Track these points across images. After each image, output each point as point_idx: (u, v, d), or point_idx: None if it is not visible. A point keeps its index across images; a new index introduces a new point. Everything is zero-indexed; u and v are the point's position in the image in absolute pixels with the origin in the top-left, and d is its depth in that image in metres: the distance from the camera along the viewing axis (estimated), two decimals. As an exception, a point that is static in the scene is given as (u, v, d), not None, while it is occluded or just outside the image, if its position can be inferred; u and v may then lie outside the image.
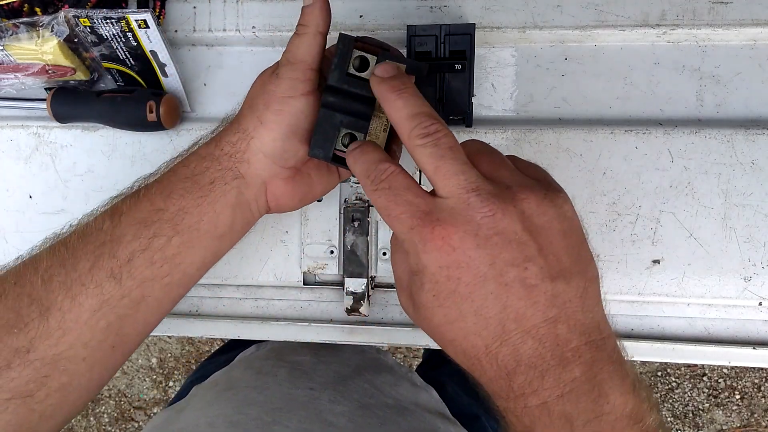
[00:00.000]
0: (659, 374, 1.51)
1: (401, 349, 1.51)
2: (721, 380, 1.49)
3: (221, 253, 0.42)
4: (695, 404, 1.50)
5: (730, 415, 1.49)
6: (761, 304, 0.48)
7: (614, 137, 0.48)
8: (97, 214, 0.39)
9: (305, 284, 0.53)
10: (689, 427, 1.51)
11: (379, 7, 0.49)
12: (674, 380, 1.50)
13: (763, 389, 1.48)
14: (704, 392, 1.50)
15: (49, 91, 0.52)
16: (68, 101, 0.51)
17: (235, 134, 0.39)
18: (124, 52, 0.50)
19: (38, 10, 0.48)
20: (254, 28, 0.51)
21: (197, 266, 0.40)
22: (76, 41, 0.48)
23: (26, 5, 0.48)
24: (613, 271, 0.48)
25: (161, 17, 0.51)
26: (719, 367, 1.47)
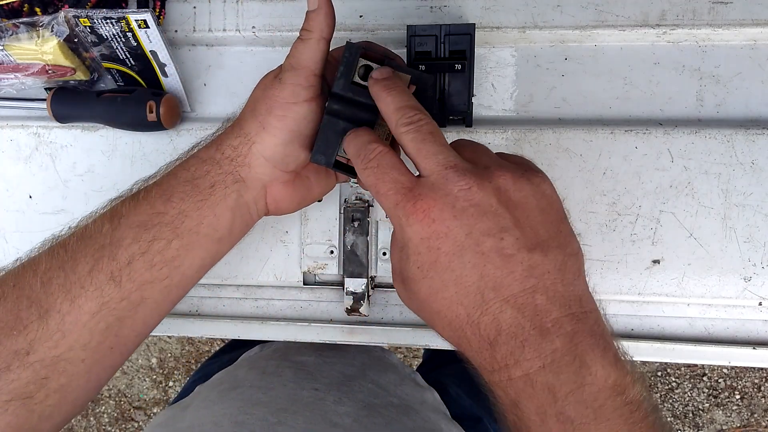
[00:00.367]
0: (659, 374, 1.51)
1: (401, 349, 1.51)
2: (721, 380, 1.49)
3: (220, 255, 0.42)
4: (695, 404, 1.50)
5: (730, 415, 1.49)
6: (761, 304, 0.48)
7: (614, 137, 0.48)
8: (96, 216, 0.39)
9: (305, 284, 0.53)
10: (689, 427, 1.51)
11: (379, 7, 0.49)
12: (674, 380, 1.50)
13: (763, 389, 1.48)
14: (704, 392, 1.50)
15: (49, 91, 0.52)
16: (68, 101, 0.51)
17: (236, 138, 0.39)
18: (124, 52, 0.50)
19: (38, 10, 0.48)
20: (254, 28, 0.51)
21: (196, 269, 0.40)
22: (76, 41, 0.48)
23: (26, 5, 0.48)
24: (613, 271, 0.48)
25: (161, 17, 0.51)
26: (719, 367, 1.47)
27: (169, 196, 0.38)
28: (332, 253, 0.51)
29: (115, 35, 0.48)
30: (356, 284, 0.50)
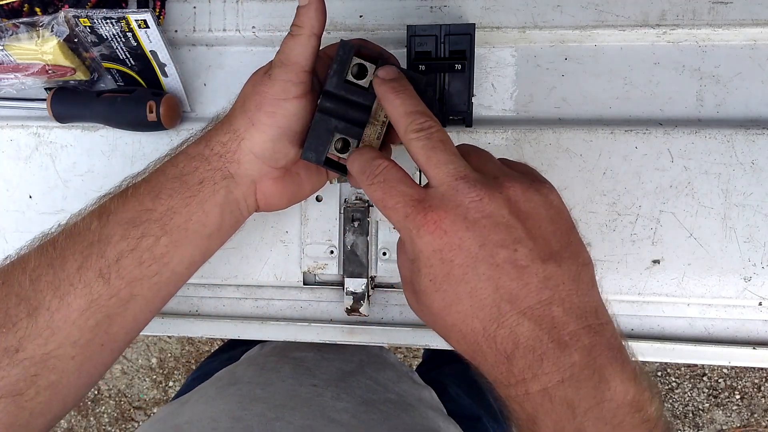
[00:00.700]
0: (659, 374, 1.51)
1: (401, 349, 1.51)
2: (721, 380, 1.49)
3: (210, 251, 0.42)
4: (695, 404, 1.50)
5: (730, 415, 1.49)
6: (761, 304, 0.48)
7: (614, 137, 0.48)
8: (85, 213, 0.39)
9: (305, 284, 0.53)
10: (689, 427, 1.51)
11: (379, 7, 0.49)
12: (674, 380, 1.50)
13: (763, 389, 1.48)
14: (704, 392, 1.50)
15: (49, 91, 0.52)
16: (68, 101, 0.51)
17: (225, 134, 0.39)
18: (124, 52, 0.50)
19: (38, 10, 0.48)
20: (254, 28, 0.51)
21: (186, 265, 0.40)
22: (76, 41, 0.48)
23: (26, 5, 0.48)
24: (613, 271, 0.48)
25: (161, 17, 0.51)
26: (719, 367, 1.47)
27: (157, 192, 0.38)
28: (332, 253, 0.51)
29: (115, 35, 0.48)
30: (356, 284, 0.50)
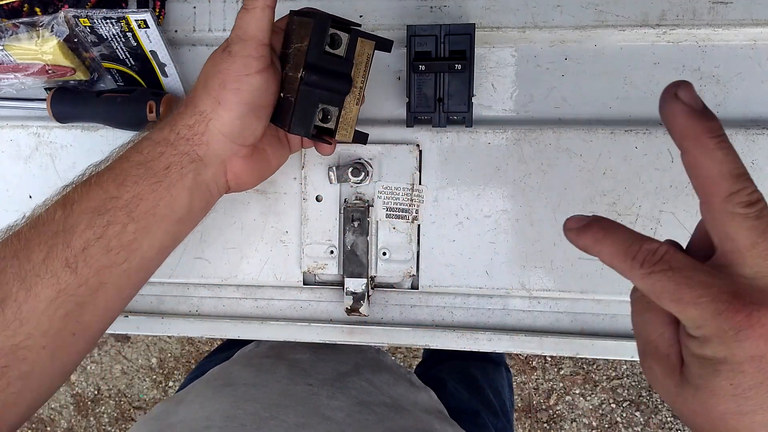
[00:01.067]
0: (659, 374, 1.51)
1: (401, 349, 1.50)
2: (721, 380, 1.49)
3: (182, 235, 0.42)
4: (695, 404, 1.50)
5: (730, 415, 1.49)
6: (761, 304, 0.48)
7: (614, 137, 0.48)
8: (49, 204, 0.38)
9: (305, 284, 0.53)
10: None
11: (379, 7, 0.49)
12: (674, 380, 1.50)
13: (763, 389, 1.48)
14: (704, 392, 1.50)
15: (49, 91, 0.52)
16: (68, 101, 0.51)
17: (191, 117, 0.39)
18: (124, 52, 0.50)
19: (38, 10, 0.48)
20: (254, 28, 0.51)
21: (156, 250, 0.40)
22: (76, 41, 0.48)
23: (26, 5, 0.48)
24: (613, 271, 0.48)
25: (161, 17, 0.51)
26: (719, 367, 1.47)
27: (122, 180, 0.38)
28: (332, 253, 0.51)
29: (115, 35, 0.48)
30: (356, 284, 0.50)
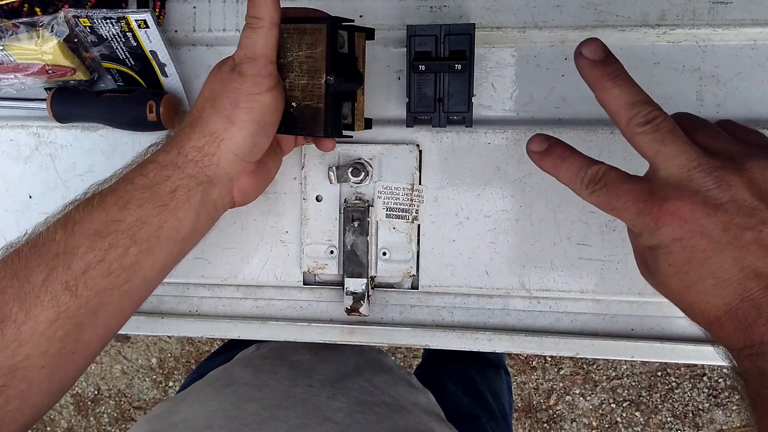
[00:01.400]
0: (659, 374, 1.51)
1: (401, 349, 1.51)
2: (721, 380, 1.49)
3: (185, 253, 0.41)
4: (695, 404, 1.50)
5: (730, 415, 1.49)
6: (761, 304, 0.47)
7: (614, 137, 0.48)
8: (50, 222, 0.38)
9: (305, 284, 0.53)
10: (689, 427, 1.51)
11: (379, 7, 0.49)
12: (674, 380, 1.50)
13: (763, 389, 1.47)
14: (704, 392, 1.50)
15: (49, 91, 0.52)
16: (68, 101, 0.51)
17: (201, 138, 0.38)
18: (124, 52, 0.50)
19: (38, 10, 0.48)
20: (254, 28, 0.51)
21: (158, 270, 0.39)
22: (76, 41, 0.48)
23: (26, 5, 0.48)
24: (613, 271, 0.48)
25: (161, 17, 0.51)
26: (719, 367, 1.47)
27: (125, 203, 0.37)
28: (332, 253, 0.51)
29: (115, 35, 0.48)
30: (356, 284, 0.50)
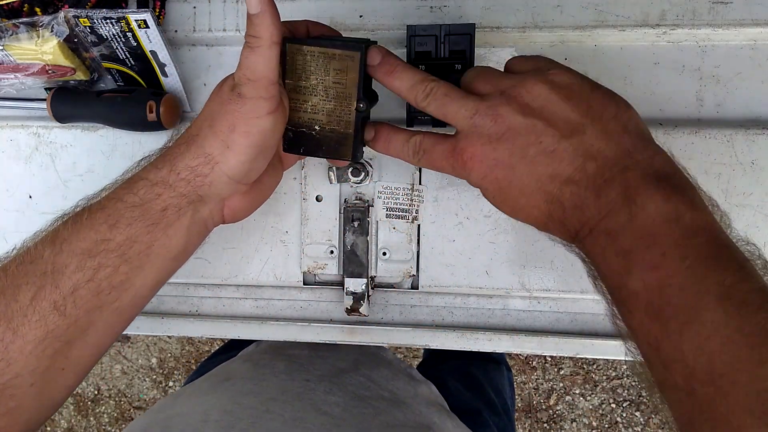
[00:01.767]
0: (659, 374, 1.50)
1: (401, 348, 1.51)
2: (721, 380, 1.49)
3: (175, 270, 0.41)
4: (695, 404, 1.50)
5: (730, 415, 1.49)
6: (761, 304, 0.47)
7: (614, 137, 0.47)
8: (38, 238, 0.37)
9: (305, 284, 0.53)
10: (689, 427, 1.51)
11: (379, 7, 0.49)
12: (674, 380, 1.50)
13: (763, 389, 1.47)
14: (704, 392, 1.49)
15: (49, 91, 0.52)
16: (68, 101, 0.51)
17: (195, 159, 0.37)
18: (124, 52, 0.50)
19: (38, 10, 0.48)
20: (254, 28, 0.51)
21: (149, 288, 0.39)
22: (76, 41, 0.48)
23: (26, 5, 0.48)
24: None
25: (161, 17, 0.51)
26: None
27: (114, 221, 0.36)
28: (332, 253, 0.51)
29: (115, 35, 0.48)
30: (356, 284, 0.50)
